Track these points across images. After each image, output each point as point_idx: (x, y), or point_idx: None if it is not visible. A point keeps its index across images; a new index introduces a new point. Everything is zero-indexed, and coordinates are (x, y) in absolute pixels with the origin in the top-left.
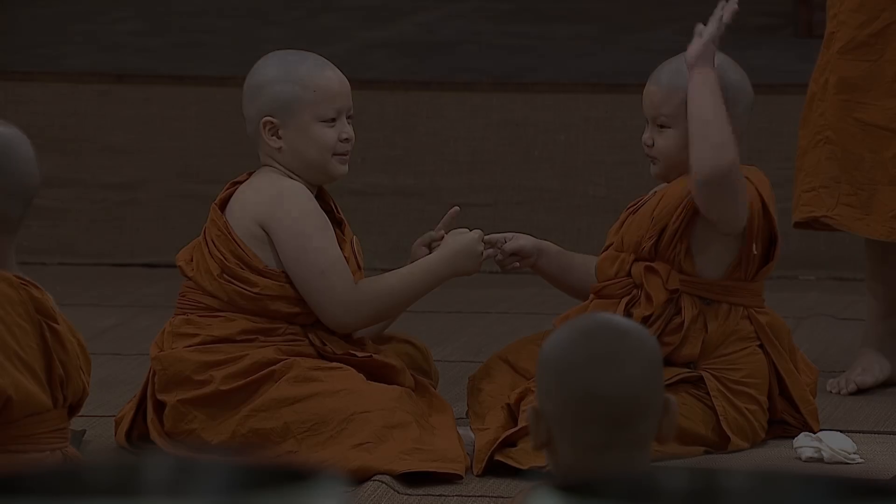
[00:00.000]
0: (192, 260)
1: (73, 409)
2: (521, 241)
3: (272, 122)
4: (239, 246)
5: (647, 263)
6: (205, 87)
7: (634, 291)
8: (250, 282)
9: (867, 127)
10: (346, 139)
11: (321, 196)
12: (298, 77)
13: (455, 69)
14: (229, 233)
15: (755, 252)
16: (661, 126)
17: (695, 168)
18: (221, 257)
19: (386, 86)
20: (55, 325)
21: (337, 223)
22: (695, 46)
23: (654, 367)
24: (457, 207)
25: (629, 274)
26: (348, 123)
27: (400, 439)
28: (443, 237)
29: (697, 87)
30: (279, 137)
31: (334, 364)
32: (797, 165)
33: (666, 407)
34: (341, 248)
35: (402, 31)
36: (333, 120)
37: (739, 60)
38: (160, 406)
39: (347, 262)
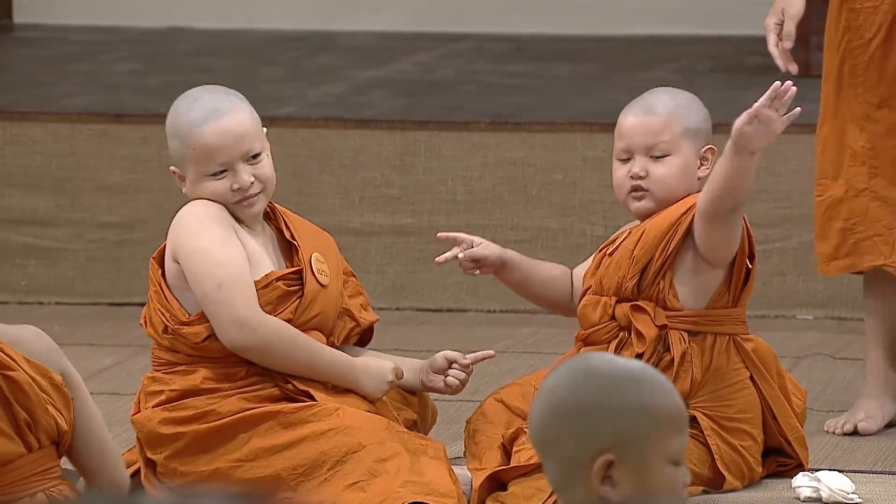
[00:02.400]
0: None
1: (59, 447)
2: (487, 250)
3: (174, 172)
4: (167, 299)
5: (633, 303)
6: None
7: (622, 334)
8: (182, 333)
9: None
10: (239, 188)
11: (273, 215)
12: (181, 132)
13: (452, 108)
14: (160, 286)
15: (750, 266)
16: (661, 156)
17: (705, 200)
18: (161, 312)
19: (383, 125)
20: (10, 373)
21: (294, 247)
22: (765, 136)
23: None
24: (491, 352)
25: (613, 317)
26: (250, 164)
27: (393, 472)
28: (467, 365)
29: (748, 170)
30: (185, 183)
31: (315, 402)
32: (829, 214)
33: None
34: (305, 272)
35: (399, 70)
36: (222, 172)
37: (738, 100)
38: (151, 462)
39: (304, 281)
